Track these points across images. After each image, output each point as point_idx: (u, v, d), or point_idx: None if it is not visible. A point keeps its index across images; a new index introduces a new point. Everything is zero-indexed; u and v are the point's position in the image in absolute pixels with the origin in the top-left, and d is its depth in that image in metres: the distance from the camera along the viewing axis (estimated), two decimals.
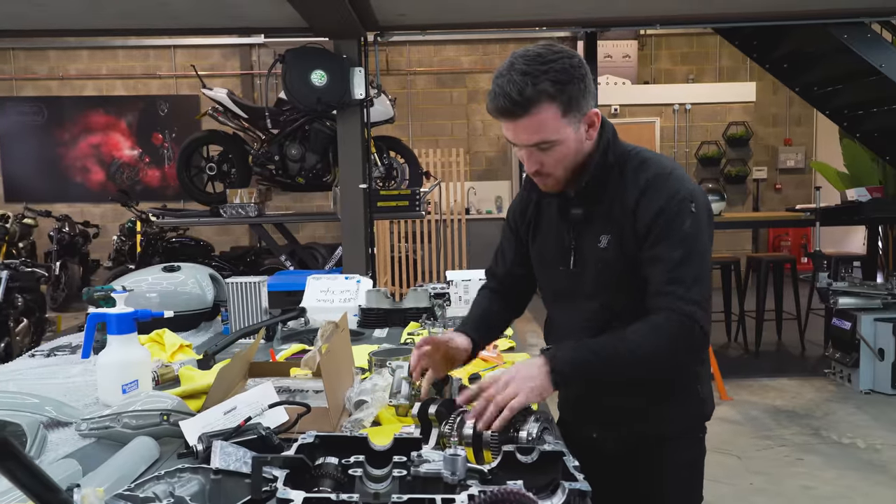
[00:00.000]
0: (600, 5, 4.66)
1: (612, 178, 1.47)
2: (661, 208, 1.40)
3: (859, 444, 3.99)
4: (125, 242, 8.06)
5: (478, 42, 9.92)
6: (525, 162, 1.44)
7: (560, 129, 1.37)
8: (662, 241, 1.39)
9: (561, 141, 1.38)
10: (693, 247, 1.39)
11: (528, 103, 1.32)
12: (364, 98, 4.72)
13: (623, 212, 1.45)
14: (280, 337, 2.41)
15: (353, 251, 4.92)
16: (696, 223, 1.40)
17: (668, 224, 1.39)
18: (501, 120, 1.39)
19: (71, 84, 10.08)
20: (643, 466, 1.57)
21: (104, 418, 1.47)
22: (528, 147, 1.40)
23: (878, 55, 5.00)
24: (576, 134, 1.40)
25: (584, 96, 1.37)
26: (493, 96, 1.36)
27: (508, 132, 1.40)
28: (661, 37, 10.02)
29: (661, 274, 1.39)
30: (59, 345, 2.36)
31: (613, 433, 1.58)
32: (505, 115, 1.36)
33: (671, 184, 1.42)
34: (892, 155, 5.92)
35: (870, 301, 4.91)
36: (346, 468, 1.05)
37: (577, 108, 1.37)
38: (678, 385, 1.55)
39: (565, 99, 1.34)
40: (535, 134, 1.36)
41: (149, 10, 4.46)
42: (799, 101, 8.36)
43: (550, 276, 1.61)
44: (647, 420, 1.55)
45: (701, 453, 1.63)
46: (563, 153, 1.40)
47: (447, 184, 7.93)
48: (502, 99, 1.34)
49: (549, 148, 1.39)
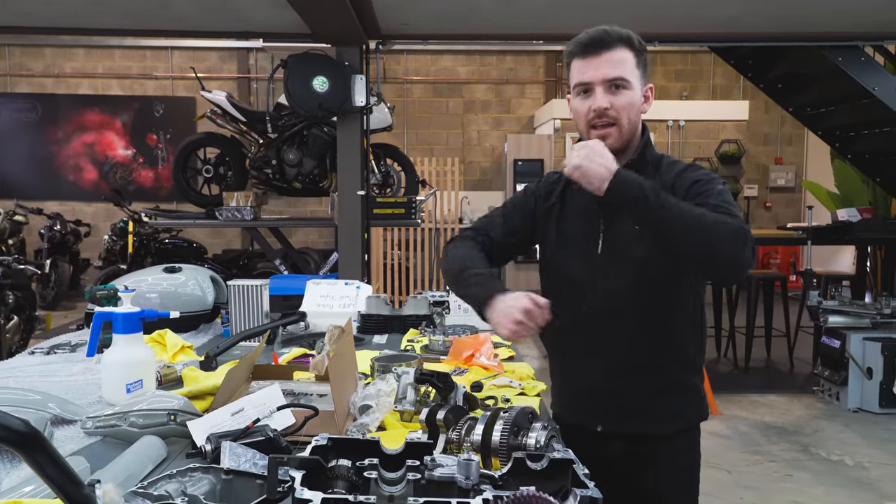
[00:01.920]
0: (599, 21, 4.71)
1: (647, 172, 1.55)
2: (696, 179, 1.53)
3: (847, 462, 4.03)
4: (116, 242, 8.02)
5: (476, 53, 9.99)
6: (595, 101, 1.52)
7: (634, 75, 1.54)
8: (700, 195, 1.48)
9: (633, 86, 1.53)
10: (729, 199, 1.48)
11: (615, 41, 1.52)
12: (364, 105, 4.74)
13: None
14: (280, 341, 2.41)
15: (350, 257, 4.93)
16: (727, 192, 1.52)
17: (704, 185, 1.51)
18: (582, 59, 1.53)
19: (66, 82, 10.05)
20: (642, 469, 1.59)
21: (110, 417, 1.47)
22: (605, 82, 1.51)
23: (872, 78, 5.08)
24: (641, 91, 1.56)
25: (647, 66, 1.58)
26: (580, 37, 1.54)
27: (588, 69, 1.52)
28: (657, 53, 10.12)
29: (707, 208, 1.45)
30: (58, 343, 2.35)
31: (618, 429, 1.60)
32: (591, 50, 1.52)
33: (704, 170, 1.59)
34: (882, 177, 6.00)
35: (859, 320, 4.97)
36: (360, 470, 1.06)
37: (644, 69, 1.56)
38: (682, 379, 1.60)
39: (639, 54, 1.55)
40: (616, 68, 1.51)
41: (152, 12, 4.46)
42: (790, 120, 8.47)
43: (568, 259, 1.63)
44: (652, 416, 1.58)
45: (698, 457, 1.66)
46: (631, 99, 1.53)
47: (441, 192, 7.96)
48: (595, 32, 1.52)
49: (622, 88, 1.52)
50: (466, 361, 2.13)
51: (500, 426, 1.28)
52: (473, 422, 1.32)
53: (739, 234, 1.37)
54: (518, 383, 1.94)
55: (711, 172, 1.57)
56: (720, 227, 1.37)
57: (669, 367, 1.58)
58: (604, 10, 4.43)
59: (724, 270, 1.45)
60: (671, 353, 1.58)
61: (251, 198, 5.29)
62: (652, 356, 1.57)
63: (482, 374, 2.04)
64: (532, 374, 2.08)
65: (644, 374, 1.57)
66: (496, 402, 1.77)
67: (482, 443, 1.27)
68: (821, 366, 5.23)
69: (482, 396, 1.79)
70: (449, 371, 2.04)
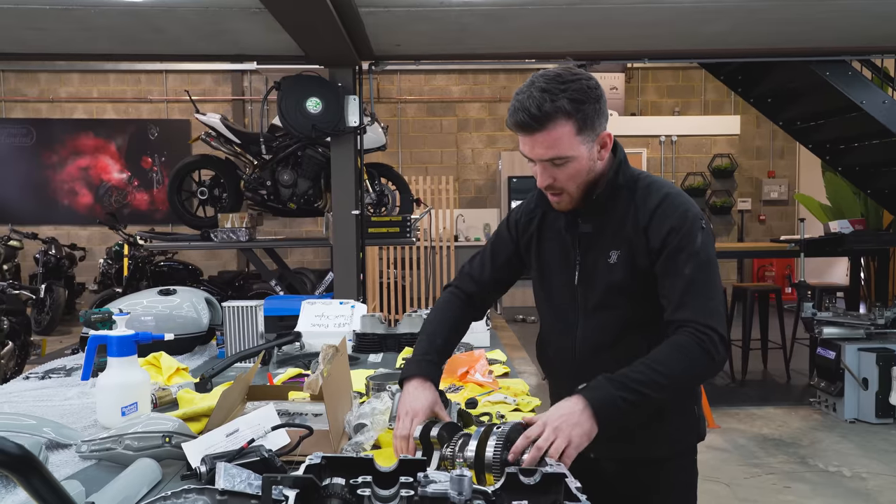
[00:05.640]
0: (590, 39, 4.77)
1: (621, 197, 1.52)
2: (673, 226, 1.45)
3: (845, 473, 4.03)
4: (112, 266, 8.02)
5: (469, 72, 10.07)
6: (539, 177, 1.49)
7: (574, 147, 1.43)
8: (677, 255, 1.44)
9: (575, 157, 1.44)
10: (706, 260, 1.45)
11: (545, 118, 1.39)
12: (358, 125, 4.78)
13: (634, 229, 1.49)
14: (276, 361, 2.42)
15: (345, 277, 4.94)
16: (707, 238, 1.47)
17: (681, 240, 1.44)
18: (520, 134, 1.45)
19: (61, 107, 10.10)
20: (640, 489, 1.58)
21: (105, 440, 1.47)
22: (542, 161, 1.45)
23: (860, 92, 5.14)
24: (588, 153, 1.46)
25: (598, 117, 1.45)
26: (513, 111, 1.43)
27: (525, 147, 1.46)
28: (648, 70, 10.23)
29: (677, 288, 1.43)
30: (53, 367, 2.35)
31: (612, 454, 1.59)
32: (523, 129, 1.43)
33: (682, 203, 1.49)
34: (872, 188, 6.05)
35: (853, 331, 4.99)
36: (354, 488, 1.06)
37: (591, 127, 1.44)
38: (678, 404, 1.56)
39: (581, 118, 1.41)
40: (551, 149, 1.43)
41: (145, 37, 4.50)
42: (782, 134, 8.55)
43: (551, 289, 1.63)
44: (647, 441, 1.56)
45: (695, 475, 1.65)
46: (575, 169, 1.46)
47: (436, 211, 7.99)
48: (522, 113, 1.40)
49: (562, 164, 1.45)
50: (461, 378, 2.14)
51: (493, 441, 1.29)
52: (467, 438, 1.33)
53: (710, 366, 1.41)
54: (513, 399, 1.95)
55: (688, 207, 1.48)
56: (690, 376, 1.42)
57: None
58: (594, 29, 4.48)
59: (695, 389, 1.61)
60: None
61: (246, 219, 5.31)
62: None
63: (477, 390, 2.04)
64: (527, 391, 2.08)
65: None
66: (491, 418, 1.77)
67: (476, 458, 1.28)
68: (817, 377, 5.24)
69: (477, 413, 1.80)
70: (444, 388, 2.04)
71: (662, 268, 1.46)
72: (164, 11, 3.89)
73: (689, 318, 1.40)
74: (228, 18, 4.03)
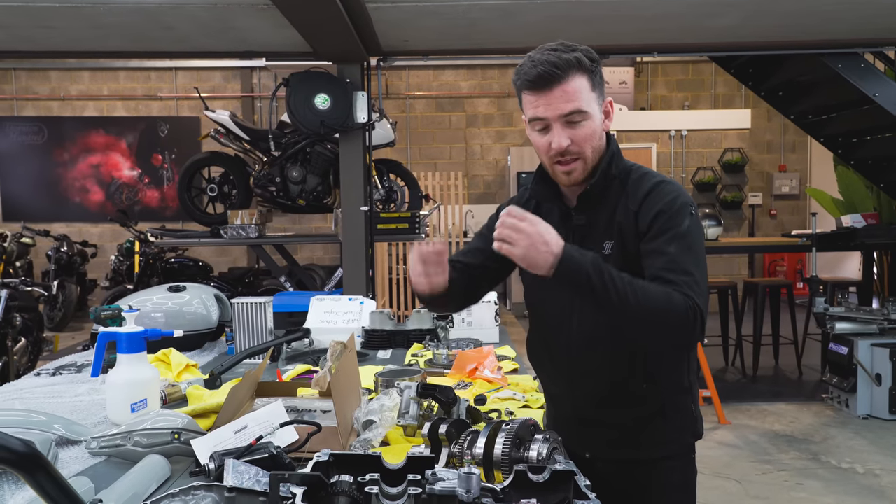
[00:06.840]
0: (599, 34, 4.74)
1: (613, 187, 1.51)
2: (661, 209, 1.44)
3: (858, 469, 4.00)
4: (123, 262, 8.06)
5: (477, 67, 10.04)
6: (554, 140, 1.44)
7: (590, 103, 1.44)
8: (662, 235, 1.42)
9: (591, 115, 1.44)
10: (692, 243, 1.42)
11: (568, 67, 1.40)
12: (366, 121, 4.77)
13: (626, 217, 1.48)
14: (285, 357, 2.42)
15: (354, 273, 4.94)
16: (695, 225, 1.45)
17: (668, 221, 1.43)
18: (533, 94, 1.43)
19: (72, 104, 10.14)
20: (636, 489, 1.56)
21: (115, 436, 1.48)
22: (562, 118, 1.43)
23: (872, 85, 5.08)
24: (599, 115, 1.47)
25: (602, 82, 1.48)
26: (531, 65, 1.42)
27: (540, 107, 1.43)
28: (658, 64, 10.16)
29: (660, 264, 1.40)
30: (64, 363, 2.36)
31: (608, 455, 1.57)
32: (543, 83, 1.41)
33: (672, 189, 1.48)
34: (885, 182, 5.99)
35: (866, 326, 4.95)
36: (362, 486, 1.06)
37: (600, 87, 1.46)
38: (672, 403, 1.55)
39: (593, 75, 1.44)
40: (570, 102, 1.41)
41: (154, 35, 4.52)
42: (793, 128, 8.47)
43: (545, 282, 1.60)
44: (644, 441, 1.54)
45: (693, 474, 1.62)
46: (591, 129, 1.45)
47: (445, 207, 7.98)
48: (541, 66, 1.40)
49: (580, 121, 1.43)
50: (470, 375, 2.14)
51: (501, 439, 1.28)
52: (476, 435, 1.32)
53: (685, 321, 1.34)
54: (522, 396, 1.95)
55: (679, 193, 1.47)
56: (664, 317, 1.34)
57: (656, 393, 1.53)
58: (603, 24, 4.46)
59: (668, 349, 1.52)
60: (656, 378, 1.52)
61: (255, 215, 5.32)
62: (636, 384, 1.51)
63: (486, 387, 2.04)
64: (536, 387, 2.07)
65: (629, 401, 1.52)
66: (500, 414, 1.77)
67: (484, 456, 1.28)
68: (829, 373, 5.20)
69: (486, 409, 1.79)
70: (453, 385, 2.04)
71: (647, 247, 1.43)
72: (173, 8, 3.89)
73: (672, 283, 1.37)
74: (237, 15, 4.03)
